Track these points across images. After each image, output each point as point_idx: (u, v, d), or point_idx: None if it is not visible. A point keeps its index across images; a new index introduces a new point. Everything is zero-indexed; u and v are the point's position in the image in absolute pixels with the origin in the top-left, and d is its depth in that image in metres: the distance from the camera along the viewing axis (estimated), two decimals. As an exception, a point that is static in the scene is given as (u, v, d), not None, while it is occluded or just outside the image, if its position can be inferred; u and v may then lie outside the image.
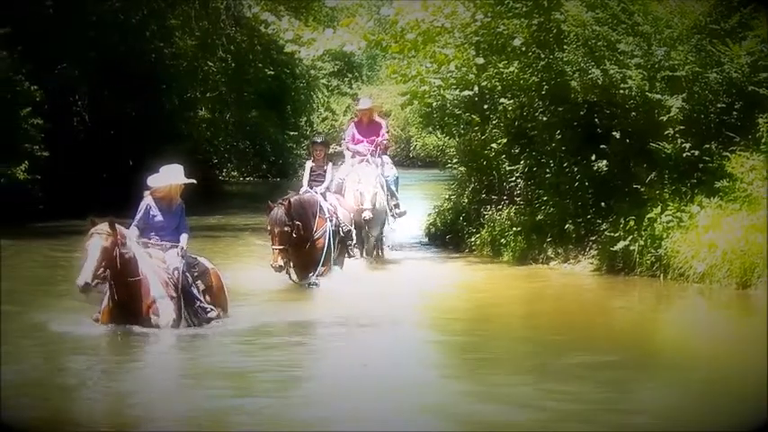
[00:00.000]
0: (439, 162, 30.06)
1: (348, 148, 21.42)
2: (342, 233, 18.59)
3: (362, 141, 21.24)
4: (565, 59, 19.77)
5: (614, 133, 19.41)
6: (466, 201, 23.74)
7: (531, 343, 14.06)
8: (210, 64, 41.89)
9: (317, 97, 55.73)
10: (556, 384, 11.20)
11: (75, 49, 31.92)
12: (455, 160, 24.94)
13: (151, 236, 14.00)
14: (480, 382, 11.42)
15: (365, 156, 20.88)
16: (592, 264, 19.66)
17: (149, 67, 35.21)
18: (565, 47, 19.92)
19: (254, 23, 30.72)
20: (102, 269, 12.77)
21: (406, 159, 58.82)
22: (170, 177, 14.14)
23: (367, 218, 19.79)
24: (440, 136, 27.60)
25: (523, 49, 21.04)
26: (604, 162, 19.48)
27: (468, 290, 18.05)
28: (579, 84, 19.52)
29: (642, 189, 18.77)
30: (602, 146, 19.55)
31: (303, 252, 17.91)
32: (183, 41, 38.99)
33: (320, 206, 18.37)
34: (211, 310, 13.97)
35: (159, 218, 14.02)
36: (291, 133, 52.22)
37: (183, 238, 14.12)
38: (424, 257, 22.45)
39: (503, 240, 21.54)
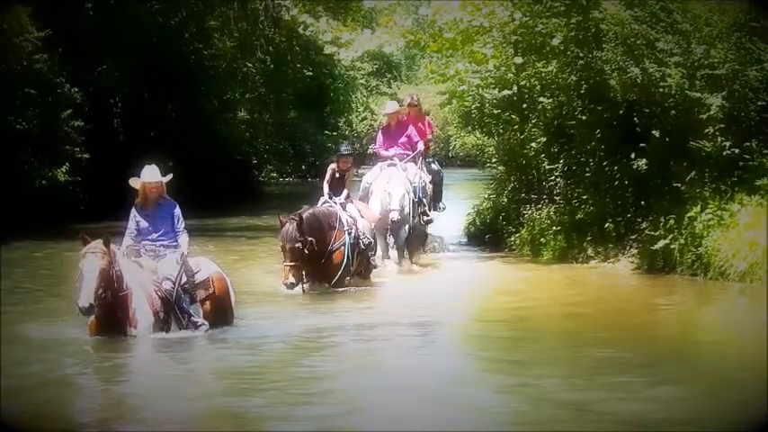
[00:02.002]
0: (478, 161, 30.02)
1: (380, 155, 21.16)
2: (362, 245, 18.17)
3: (393, 146, 20.86)
4: (603, 58, 19.74)
5: (654, 132, 19.36)
6: (505, 200, 23.74)
7: (571, 341, 14.01)
8: (249, 65, 42.04)
9: (356, 97, 55.85)
10: (591, 380, 11.22)
11: (115, 51, 32.15)
12: (494, 159, 24.95)
13: (144, 243, 13.62)
14: (520, 381, 11.41)
15: (394, 161, 20.58)
16: (632, 263, 19.60)
17: (189, 68, 35.46)
18: (603, 45, 19.89)
19: (292, 25, 30.77)
20: (101, 289, 12.53)
21: (446, 159, 58.70)
22: (142, 178, 13.69)
23: (394, 218, 19.45)
24: (479, 135, 27.55)
25: (562, 48, 20.97)
26: (644, 161, 19.40)
27: (507, 289, 18.03)
28: (618, 82, 19.49)
29: (682, 187, 18.72)
30: (641, 144, 19.49)
31: (319, 265, 17.55)
32: (222, 43, 39.16)
33: (339, 218, 17.98)
34: (202, 324, 13.44)
35: (144, 223, 13.60)
36: (331, 134, 52.32)
37: (183, 241, 13.65)
38: (464, 257, 22.46)
39: (542, 240, 21.50)
